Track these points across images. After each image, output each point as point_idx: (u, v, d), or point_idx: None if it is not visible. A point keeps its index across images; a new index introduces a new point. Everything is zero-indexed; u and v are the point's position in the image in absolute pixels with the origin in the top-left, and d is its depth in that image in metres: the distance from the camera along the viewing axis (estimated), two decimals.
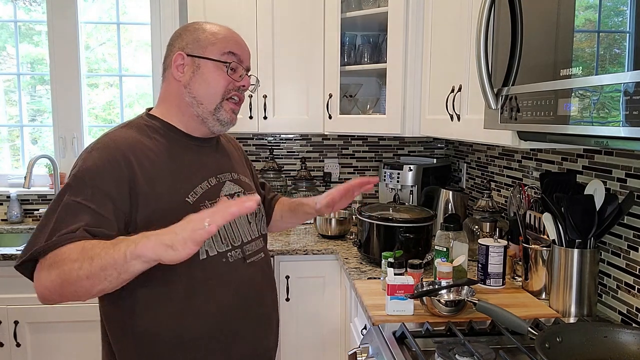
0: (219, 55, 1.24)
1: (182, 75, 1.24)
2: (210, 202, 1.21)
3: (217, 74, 1.24)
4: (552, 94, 1.03)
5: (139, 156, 1.15)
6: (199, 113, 1.25)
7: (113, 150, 1.14)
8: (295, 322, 2.35)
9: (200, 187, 1.22)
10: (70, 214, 1.06)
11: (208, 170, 1.27)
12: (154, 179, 1.15)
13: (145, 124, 1.25)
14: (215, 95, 1.24)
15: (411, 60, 2.24)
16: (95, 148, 1.15)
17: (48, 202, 2.85)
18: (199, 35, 1.25)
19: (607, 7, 0.89)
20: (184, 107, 1.25)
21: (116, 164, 1.12)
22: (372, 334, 1.43)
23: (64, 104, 2.86)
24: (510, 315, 1.33)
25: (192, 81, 1.23)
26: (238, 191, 1.32)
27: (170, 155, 1.22)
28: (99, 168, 1.11)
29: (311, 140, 2.98)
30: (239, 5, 2.50)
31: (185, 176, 1.21)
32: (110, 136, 1.18)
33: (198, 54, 1.23)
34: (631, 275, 1.46)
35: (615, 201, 1.43)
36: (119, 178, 1.11)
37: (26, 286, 2.29)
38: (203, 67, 1.23)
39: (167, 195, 1.16)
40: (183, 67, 1.24)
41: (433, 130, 2.09)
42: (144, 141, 1.20)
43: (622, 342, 1.17)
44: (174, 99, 1.26)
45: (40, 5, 2.90)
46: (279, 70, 2.56)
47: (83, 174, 1.10)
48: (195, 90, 1.24)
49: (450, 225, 1.83)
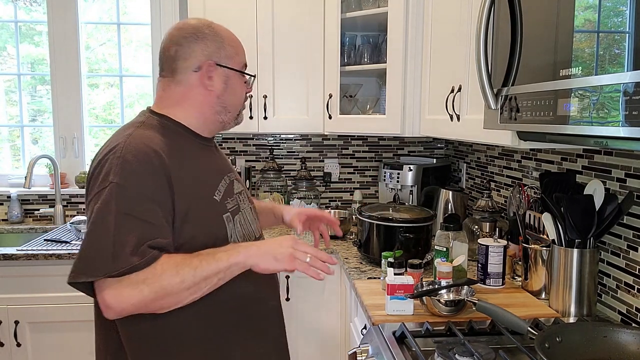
0: (241, 66, 1.30)
1: (213, 84, 1.24)
2: (230, 200, 1.26)
3: (241, 85, 1.30)
4: (551, 94, 1.03)
5: (169, 155, 1.14)
6: (224, 119, 1.29)
7: (145, 150, 1.12)
8: (295, 322, 2.35)
9: (222, 185, 1.26)
10: (125, 228, 1.05)
11: (220, 169, 1.31)
12: (186, 178, 1.16)
13: (159, 124, 1.22)
14: (240, 104, 1.32)
15: (411, 60, 2.24)
16: (126, 151, 1.11)
17: (48, 202, 2.85)
18: (222, 43, 1.25)
19: (607, 7, 0.90)
20: (209, 113, 1.26)
21: (153, 166, 1.11)
22: (372, 333, 1.43)
23: (65, 104, 2.86)
24: (510, 315, 1.33)
25: (225, 92, 1.26)
26: (242, 189, 1.35)
27: (193, 156, 1.23)
28: (139, 173, 1.09)
29: (311, 140, 2.98)
30: (239, 6, 2.50)
31: (208, 175, 1.25)
32: (136, 137, 1.15)
33: (226, 65, 1.25)
34: (631, 275, 1.46)
35: (615, 201, 1.44)
36: (159, 180, 1.11)
37: (26, 286, 2.32)
38: (232, 78, 1.27)
39: (198, 194, 1.18)
40: (212, 76, 1.24)
41: (433, 130, 2.09)
42: (168, 141, 1.18)
43: (622, 342, 1.17)
44: (197, 105, 1.25)
45: (40, 6, 2.90)
46: (279, 70, 2.56)
47: (124, 182, 1.08)
48: (227, 101, 1.27)
49: (450, 225, 1.83)
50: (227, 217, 1.22)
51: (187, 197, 1.14)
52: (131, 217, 1.06)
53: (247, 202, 1.36)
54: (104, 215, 1.06)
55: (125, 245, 1.04)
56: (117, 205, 1.06)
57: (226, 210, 1.23)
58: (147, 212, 1.07)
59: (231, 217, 1.24)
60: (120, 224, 1.05)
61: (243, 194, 1.35)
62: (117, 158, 1.10)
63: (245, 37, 1.35)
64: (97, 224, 1.06)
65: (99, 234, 1.05)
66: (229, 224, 1.22)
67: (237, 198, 1.30)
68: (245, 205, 1.33)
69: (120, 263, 1.03)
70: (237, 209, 1.28)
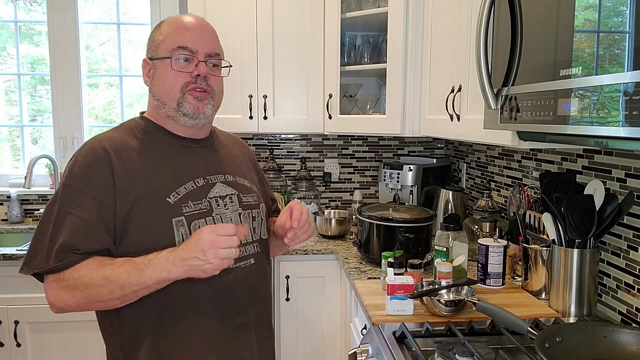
0: (168, 52, 1.23)
1: (147, 81, 1.29)
2: (194, 203, 1.20)
3: (169, 71, 1.23)
4: (551, 94, 1.03)
5: (120, 154, 1.18)
6: (167, 113, 1.26)
7: (95, 149, 1.17)
8: (295, 322, 2.35)
9: (184, 188, 1.21)
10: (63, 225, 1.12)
11: (196, 170, 1.26)
12: (134, 177, 1.16)
13: (134, 125, 1.28)
14: (174, 92, 1.23)
15: (411, 60, 2.24)
16: (80, 152, 1.19)
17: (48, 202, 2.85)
18: (154, 36, 1.28)
19: (607, 7, 0.89)
20: (155, 109, 1.29)
21: (99, 162, 1.15)
22: (372, 333, 1.43)
23: (64, 104, 2.86)
24: (510, 315, 1.33)
25: (153, 84, 1.27)
26: (230, 193, 1.28)
27: (156, 155, 1.23)
28: (84, 173, 1.15)
29: (311, 140, 2.98)
30: (239, 5, 2.50)
31: (169, 176, 1.21)
32: (96, 137, 1.22)
33: (153, 56, 1.27)
34: (631, 275, 1.46)
35: (615, 201, 1.44)
36: (103, 178, 1.15)
37: (26, 286, 2.32)
38: (159, 67, 1.25)
39: (146, 194, 1.16)
40: (148, 71, 1.28)
41: (433, 131, 2.09)
42: (129, 141, 1.22)
43: (622, 342, 1.17)
44: (150, 102, 1.31)
45: (40, 6, 2.90)
46: (279, 70, 2.56)
47: (71, 182, 1.15)
48: (157, 92, 1.27)
49: (450, 225, 1.83)
50: (178, 220, 1.16)
51: (131, 197, 1.15)
52: (69, 215, 1.12)
53: (237, 207, 1.28)
54: (48, 213, 1.14)
55: (55, 244, 1.10)
56: (59, 204, 1.13)
57: (180, 213, 1.17)
58: (84, 211, 1.12)
59: (185, 221, 1.17)
60: (58, 223, 1.12)
61: (232, 198, 1.28)
62: (72, 159, 1.18)
63: (245, 37, 1.35)
64: (42, 221, 1.15)
65: (41, 230, 1.14)
66: (179, 229, 1.16)
67: (211, 202, 1.23)
68: (230, 210, 1.26)
69: (48, 262, 1.10)
70: (206, 212, 1.21)
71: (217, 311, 1.21)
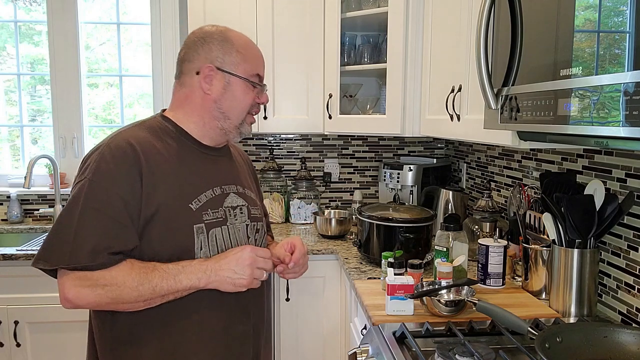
0: (249, 75, 1.27)
1: (211, 88, 1.24)
2: (212, 211, 1.22)
3: (246, 93, 1.27)
4: (552, 94, 1.03)
5: (148, 156, 1.16)
6: (224, 126, 1.27)
7: (124, 148, 1.15)
8: (295, 322, 2.35)
9: (205, 195, 1.22)
10: (90, 223, 1.10)
11: (214, 179, 1.27)
12: (158, 181, 1.16)
13: (158, 126, 1.25)
14: (242, 111, 1.28)
15: (411, 60, 2.24)
16: (107, 148, 1.15)
17: (48, 202, 2.85)
18: (229, 49, 1.25)
19: (607, 7, 0.89)
20: (208, 118, 1.26)
21: (127, 161, 1.13)
22: (372, 334, 1.43)
23: (64, 104, 2.86)
24: (510, 315, 1.33)
25: (223, 97, 1.25)
26: (241, 204, 1.30)
27: (180, 160, 1.22)
28: (112, 171, 1.12)
29: (311, 140, 2.98)
30: (239, 6, 2.50)
31: (191, 182, 1.22)
32: (123, 134, 1.19)
33: (229, 70, 1.24)
34: (631, 275, 1.46)
35: (615, 201, 1.43)
36: (131, 178, 1.13)
37: (26, 286, 2.32)
38: (234, 84, 1.25)
39: (170, 199, 1.16)
40: (211, 79, 1.24)
41: (433, 131, 2.09)
42: (155, 143, 1.20)
43: (622, 342, 1.17)
44: (197, 108, 1.26)
45: (40, 5, 2.90)
46: (279, 70, 2.56)
47: (98, 178, 1.12)
48: (225, 106, 1.26)
49: (450, 225, 1.83)
50: (198, 227, 1.18)
51: (155, 201, 1.14)
52: (97, 213, 1.10)
53: (245, 218, 1.30)
54: (72, 208, 1.11)
55: (85, 242, 1.08)
56: (85, 200, 1.11)
57: (200, 220, 1.19)
58: (114, 210, 1.11)
59: (205, 228, 1.19)
60: (84, 219, 1.10)
61: (242, 209, 1.30)
62: (97, 155, 1.15)
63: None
64: (64, 215, 1.12)
65: (63, 225, 1.11)
66: (199, 235, 1.18)
67: (226, 211, 1.25)
68: (239, 221, 1.28)
69: (76, 259, 1.08)
70: (222, 222, 1.23)
71: (220, 318, 1.23)
